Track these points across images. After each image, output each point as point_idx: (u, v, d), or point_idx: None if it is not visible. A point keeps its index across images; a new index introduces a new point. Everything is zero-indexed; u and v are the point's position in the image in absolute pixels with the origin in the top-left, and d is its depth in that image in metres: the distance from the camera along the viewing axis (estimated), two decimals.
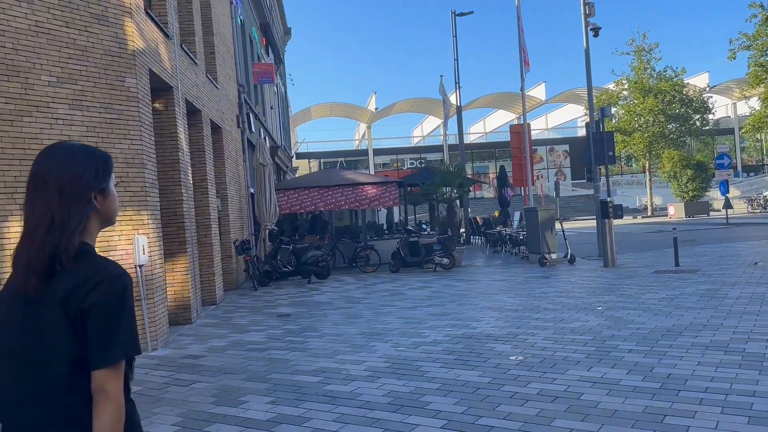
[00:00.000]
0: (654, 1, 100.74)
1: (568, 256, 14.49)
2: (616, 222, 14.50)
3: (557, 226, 14.93)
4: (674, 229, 12.83)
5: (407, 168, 54.25)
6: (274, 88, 27.35)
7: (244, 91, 15.25)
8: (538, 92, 52.13)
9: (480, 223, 22.86)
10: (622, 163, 56.34)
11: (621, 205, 15.91)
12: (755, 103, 29.97)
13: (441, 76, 27.41)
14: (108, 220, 1.60)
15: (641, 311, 7.56)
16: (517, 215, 19.75)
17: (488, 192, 58.61)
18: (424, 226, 16.11)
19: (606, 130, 39.03)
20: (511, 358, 5.64)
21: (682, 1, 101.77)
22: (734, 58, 27.35)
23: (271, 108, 24.96)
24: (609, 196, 15.87)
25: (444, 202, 15.99)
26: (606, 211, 13.36)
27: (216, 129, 12.00)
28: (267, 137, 21.61)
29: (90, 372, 1.43)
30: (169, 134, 8.69)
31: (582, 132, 56.50)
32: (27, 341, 1.47)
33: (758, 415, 3.87)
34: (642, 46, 36.93)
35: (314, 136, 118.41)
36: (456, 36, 23.88)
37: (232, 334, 7.69)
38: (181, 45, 9.59)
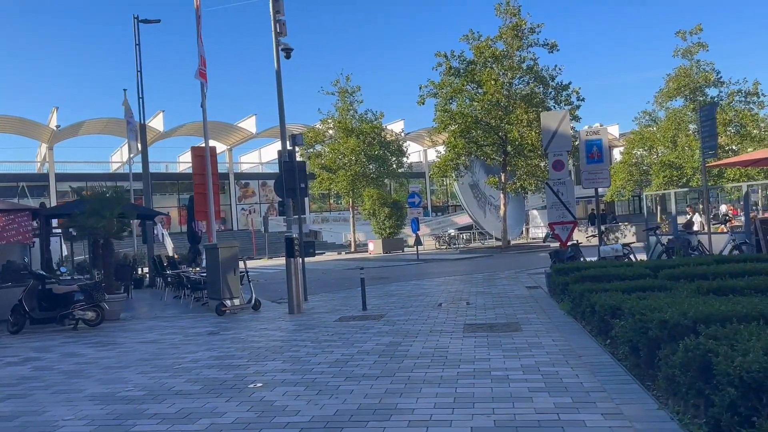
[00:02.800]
0: (356, 47, 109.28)
1: (252, 302, 12.39)
2: (318, 258, 13.43)
3: (241, 265, 12.76)
4: (362, 269, 11.65)
5: None
6: None
7: None
8: (249, 125, 50.69)
9: (165, 263, 19.61)
10: (331, 201, 58.11)
11: (313, 242, 14.55)
12: (442, 149, 32.68)
13: (125, 90, 23.51)
14: None
15: (303, 387, 5.60)
16: None
17: (200, 225, 54.68)
18: (62, 270, 12.40)
19: (314, 167, 38.74)
20: None
21: (380, 52, 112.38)
22: (423, 104, 29.35)
23: None
24: (300, 231, 14.33)
25: (100, 237, 12.55)
26: (291, 249, 11.59)
27: None
28: None
29: None
30: None
31: None
32: None
33: None
34: (345, 87, 38.09)
35: None
36: (139, 45, 20.61)
37: None
38: None
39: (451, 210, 60.05)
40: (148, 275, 20.36)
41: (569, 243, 13.36)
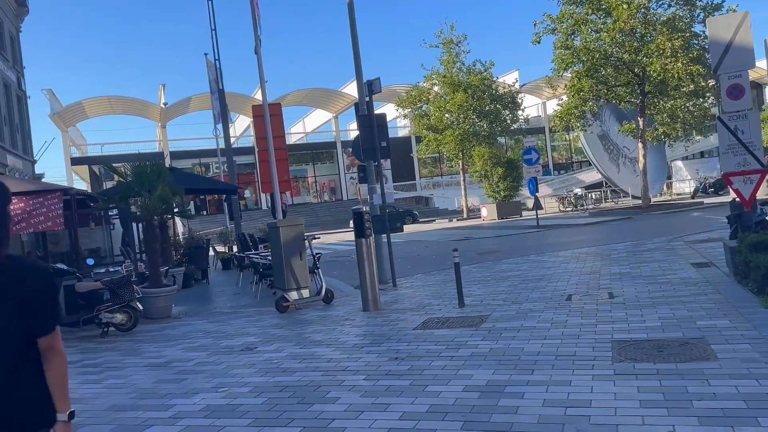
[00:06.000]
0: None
1: (322, 293, 9.81)
2: (424, 227, 10.79)
3: (307, 247, 10.17)
4: (455, 250, 8.60)
5: (213, 174, 47.71)
6: None
7: None
8: (351, 90, 48.26)
9: (250, 242, 17.66)
10: (442, 165, 54.81)
11: (400, 213, 11.67)
12: (565, 98, 28.27)
13: (206, 54, 21.81)
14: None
15: None
16: None
17: (309, 196, 53.95)
18: (90, 262, 10.46)
19: (419, 128, 35.29)
20: None
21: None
22: (539, 42, 25.05)
23: None
24: (383, 202, 11.49)
25: (142, 219, 10.50)
26: (362, 227, 8.73)
27: None
28: None
29: (35, 339, 1.95)
30: None
31: (402, 132, 53.89)
32: None
33: None
34: (450, 37, 34.41)
35: (113, 136, 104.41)
36: (212, 1, 18.55)
37: None
38: None
39: (576, 167, 54.61)
40: (231, 258, 18.61)
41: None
